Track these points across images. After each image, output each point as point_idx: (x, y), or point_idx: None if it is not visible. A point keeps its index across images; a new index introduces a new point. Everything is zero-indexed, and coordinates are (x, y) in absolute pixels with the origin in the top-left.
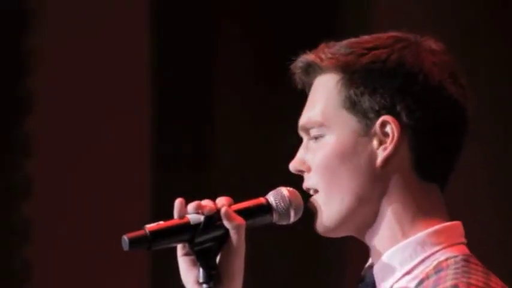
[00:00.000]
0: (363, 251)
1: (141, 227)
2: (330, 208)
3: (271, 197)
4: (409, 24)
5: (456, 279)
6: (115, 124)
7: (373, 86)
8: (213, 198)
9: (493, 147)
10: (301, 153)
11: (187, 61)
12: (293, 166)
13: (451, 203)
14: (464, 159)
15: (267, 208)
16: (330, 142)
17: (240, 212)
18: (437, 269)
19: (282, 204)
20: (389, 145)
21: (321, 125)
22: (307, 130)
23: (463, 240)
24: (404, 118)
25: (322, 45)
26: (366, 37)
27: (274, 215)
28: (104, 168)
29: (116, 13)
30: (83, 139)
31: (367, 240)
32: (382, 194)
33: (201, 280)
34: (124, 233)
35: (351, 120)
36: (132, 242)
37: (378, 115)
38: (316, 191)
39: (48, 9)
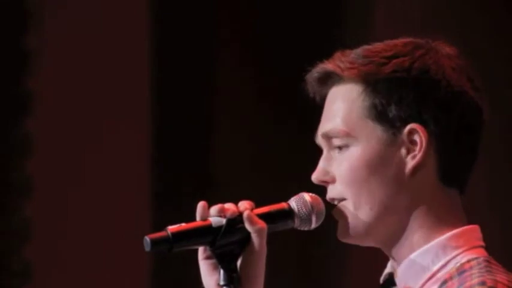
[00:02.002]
0: (364, 257)
1: (140, 225)
2: (358, 217)
3: (293, 202)
4: (408, 26)
5: (483, 276)
6: (115, 124)
7: (398, 95)
8: None
9: (493, 145)
10: (323, 164)
11: (187, 64)
12: (316, 177)
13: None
14: None
15: (289, 213)
16: (356, 152)
17: (261, 216)
18: (460, 270)
19: (304, 210)
20: (418, 153)
21: (346, 134)
22: (329, 139)
23: (481, 243)
24: (431, 125)
25: (337, 54)
26: (380, 45)
27: (296, 220)
28: (104, 168)
29: (116, 13)
30: (83, 139)
31: (390, 248)
32: (409, 202)
33: (221, 283)
34: (124, 233)
35: (377, 130)
36: (153, 243)
37: (405, 124)
38: (342, 199)
39: (48, 9)
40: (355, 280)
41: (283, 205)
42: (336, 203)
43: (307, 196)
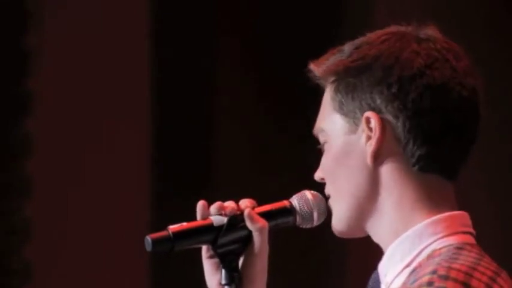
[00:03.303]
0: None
1: (140, 225)
2: (336, 211)
3: (295, 200)
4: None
5: (439, 264)
6: (115, 124)
7: (353, 85)
8: None
9: (492, 145)
10: (321, 162)
11: (187, 64)
12: (316, 175)
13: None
14: None
15: (290, 211)
16: (328, 147)
17: (263, 215)
18: (430, 257)
19: (306, 208)
20: (373, 140)
21: (322, 131)
22: (318, 138)
23: (467, 229)
24: (384, 111)
25: (326, 54)
26: (362, 38)
27: (298, 218)
28: (104, 168)
29: (116, 13)
30: (83, 139)
31: (375, 238)
32: (380, 189)
33: (223, 282)
34: (124, 233)
35: (341, 121)
36: (155, 242)
37: (362, 112)
38: (329, 196)
39: (48, 9)
40: (355, 280)
41: (284, 203)
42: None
43: (308, 194)
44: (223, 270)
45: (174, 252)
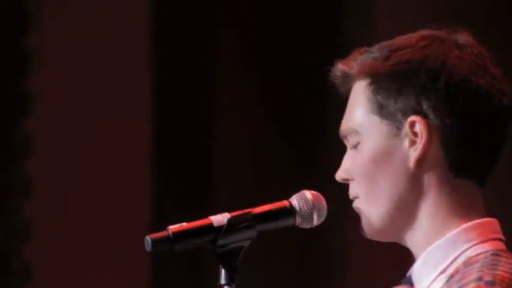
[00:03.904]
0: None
1: (140, 225)
2: (371, 214)
3: (295, 200)
4: (409, 25)
5: (481, 271)
6: (115, 124)
7: (397, 88)
8: None
9: None
10: (344, 162)
11: (187, 64)
12: (338, 175)
13: None
14: None
15: (290, 211)
16: (364, 148)
17: (263, 215)
18: (467, 264)
19: (305, 208)
20: (419, 145)
21: (355, 132)
22: (346, 138)
23: (498, 236)
24: (431, 117)
25: (353, 52)
26: (396, 39)
27: (297, 218)
28: (104, 168)
29: (116, 13)
30: (83, 139)
31: (407, 243)
32: (419, 194)
33: (222, 282)
34: (124, 233)
35: (382, 125)
36: (154, 242)
37: (406, 116)
38: (356, 197)
39: (48, 9)
40: (355, 279)
41: (284, 203)
42: (354, 203)
43: (308, 194)
44: (222, 271)
45: (174, 252)
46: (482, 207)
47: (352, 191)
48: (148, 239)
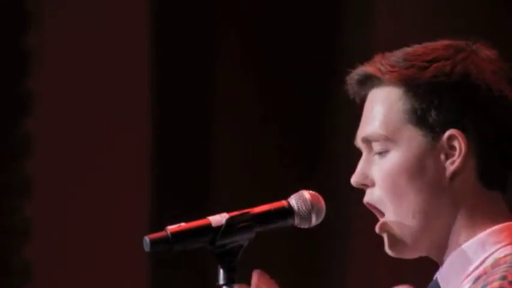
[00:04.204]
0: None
1: (140, 225)
2: (403, 228)
3: (293, 200)
4: (409, 25)
5: (507, 271)
6: (115, 124)
7: (438, 100)
8: None
9: None
10: (363, 167)
11: (187, 64)
12: (356, 180)
13: None
14: None
15: (289, 211)
16: (396, 158)
17: (261, 215)
18: (495, 265)
19: (304, 208)
20: (457, 159)
21: (386, 139)
22: (369, 143)
23: None
24: (471, 131)
25: (377, 57)
26: (420, 48)
27: (296, 218)
28: (104, 168)
29: (116, 13)
30: (83, 139)
31: (438, 254)
32: (450, 207)
33: (221, 282)
34: (124, 233)
35: (417, 135)
36: (153, 243)
37: (445, 129)
38: (382, 214)
39: (48, 9)
40: (355, 280)
41: (283, 203)
42: (381, 220)
43: (306, 194)
44: (221, 271)
45: (173, 252)
46: (507, 211)
47: (372, 198)
48: (146, 239)
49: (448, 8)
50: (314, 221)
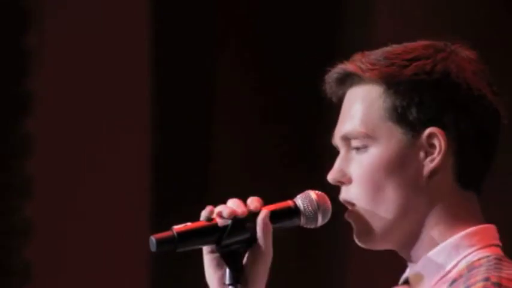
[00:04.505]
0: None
1: (140, 225)
2: (374, 220)
3: (299, 200)
4: (409, 25)
5: (487, 272)
6: (115, 124)
7: (419, 98)
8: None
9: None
10: (340, 164)
11: (187, 64)
12: (333, 177)
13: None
14: None
15: (295, 211)
16: (375, 154)
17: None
18: (470, 268)
19: (310, 208)
20: (437, 156)
21: (365, 136)
22: (348, 140)
23: (497, 242)
24: (451, 129)
25: (357, 55)
26: (400, 47)
27: (302, 219)
28: (104, 168)
29: (116, 13)
30: (83, 139)
31: (406, 250)
32: (426, 204)
33: (227, 282)
34: (124, 233)
35: (397, 132)
36: (159, 242)
37: (425, 127)
38: (353, 205)
39: (48, 9)
40: (355, 280)
41: (289, 203)
42: (349, 207)
43: (313, 194)
44: (227, 271)
45: (178, 252)
46: (481, 214)
47: (348, 194)
48: (153, 239)
49: (448, 8)
50: (320, 221)
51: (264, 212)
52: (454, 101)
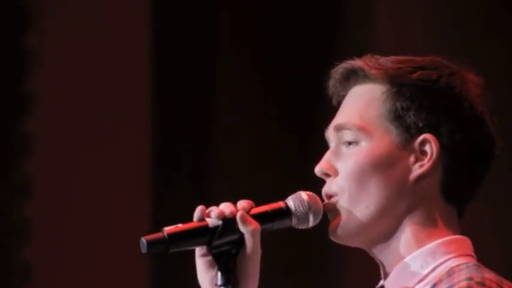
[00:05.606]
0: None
1: (140, 225)
2: (352, 215)
3: (291, 201)
4: (409, 25)
5: (470, 273)
6: (115, 124)
7: (420, 102)
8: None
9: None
10: (329, 157)
11: (187, 64)
12: (320, 169)
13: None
14: None
15: (286, 212)
16: (366, 149)
17: (258, 216)
18: (450, 273)
19: (301, 209)
20: (426, 163)
21: (359, 129)
22: (340, 131)
23: (472, 253)
24: (445, 139)
25: (368, 56)
26: (409, 57)
27: (293, 219)
28: (104, 168)
29: (116, 13)
30: (83, 139)
31: (377, 254)
32: (406, 209)
33: (219, 283)
34: (123, 233)
35: (391, 132)
36: (150, 244)
37: (420, 132)
38: (334, 197)
39: (48, 9)
40: (354, 280)
41: (280, 204)
42: (332, 199)
43: (304, 195)
44: (218, 272)
45: (170, 253)
46: (458, 227)
47: (331, 188)
48: (143, 240)
49: (448, 8)
50: (312, 221)
51: (239, 212)
52: (455, 114)
